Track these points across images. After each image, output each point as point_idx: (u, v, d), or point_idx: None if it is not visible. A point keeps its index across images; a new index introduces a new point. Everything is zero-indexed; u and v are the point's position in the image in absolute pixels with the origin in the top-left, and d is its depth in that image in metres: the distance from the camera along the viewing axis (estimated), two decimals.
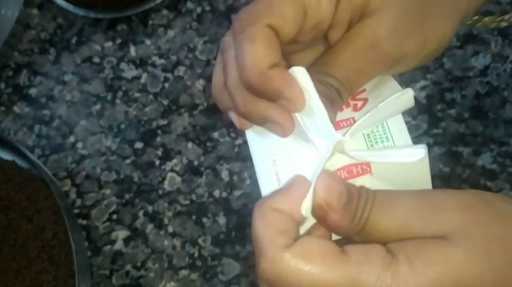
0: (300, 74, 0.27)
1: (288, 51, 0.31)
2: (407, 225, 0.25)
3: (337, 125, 0.30)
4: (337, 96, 0.28)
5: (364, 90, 0.31)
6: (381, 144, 0.29)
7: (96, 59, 0.64)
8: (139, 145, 0.62)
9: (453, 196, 0.26)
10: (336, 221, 0.25)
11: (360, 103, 0.31)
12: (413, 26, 0.30)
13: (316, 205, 0.25)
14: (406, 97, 0.29)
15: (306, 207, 0.26)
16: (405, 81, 0.60)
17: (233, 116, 0.31)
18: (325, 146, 0.28)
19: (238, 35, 0.28)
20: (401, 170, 0.28)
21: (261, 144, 0.31)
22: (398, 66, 0.31)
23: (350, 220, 0.25)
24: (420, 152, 0.28)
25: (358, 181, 0.28)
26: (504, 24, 0.38)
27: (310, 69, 0.30)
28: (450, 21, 0.31)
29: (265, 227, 0.25)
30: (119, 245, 0.59)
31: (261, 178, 0.31)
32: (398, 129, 0.30)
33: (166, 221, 0.59)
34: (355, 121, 0.30)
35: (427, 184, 0.30)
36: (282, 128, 0.28)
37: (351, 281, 0.24)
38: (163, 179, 0.61)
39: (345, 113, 0.31)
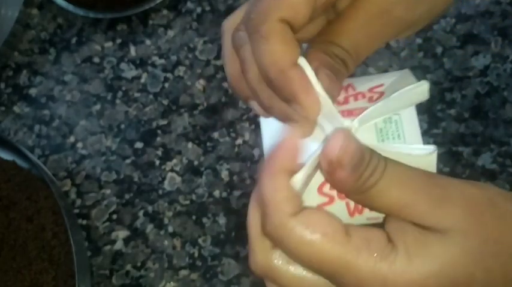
0: (302, 64, 0.27)
1: None
2: (411, 207, 0.25)
3: (350, 113, 0.29)
4: (343, 66, 0.28)
5: (382, 84, 0.31)
6: (392, 141, 0.29)
7: (96, 59, 0.64)
8: (139, 144, 0.62)
9: (461, 189, 0.26)
10: (342, 178, 0.25)
11: (375, 95, 0.30)
12: None
13: (327, 160, 0.25)
14: (420, 89, 0.29)
15: (297, 179, 0.26)
16: None
17: (254, 105, 0.31)
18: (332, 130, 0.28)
19: (253, 35, 0.27)
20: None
21: (272, 125, 0.31)
22: (409, 30, 0.31)
23: (355, 180, 0.25)
24: (429, 148, 0.28)
25: None
26: None
27: (315, 39, 0.29)
28: None
29: (273, 192, 0.25)
30: (118, 245, 0.59)
31: (267, 152, 0.31)
32: (411, 128, 0.30)
33: (166, 221, 0.59)
34: None
35: None
36: (301, 130, 0.28)
37: (346, 262, 0.24)
38: (163, 179, 0.61)
39: (359, 103, 0.30)
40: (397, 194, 0.25)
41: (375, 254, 0.24)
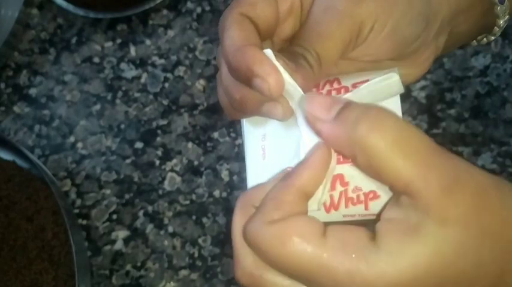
0: (268, 55, 0.27)
1: None
2: (420, 186, 0.23)
3: None
4: (304, 61, 0.29)
5: (367, 80, 0.31)
6: None
7: (96, 59, 0.64)
8: (139, 144, 0.62)
9: (471, 172, 0.25)
10: (328, 132, 0.25)
11: None
12: None
13: (310, 122, 0.26)
14: (392, 82, 0.29)
15: (312, 202, 0.27)
16: None
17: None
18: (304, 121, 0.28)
19: (220, 33, 0.29)
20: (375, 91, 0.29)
21: (255, 121, 0.32)
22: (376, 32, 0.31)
23: (344, 129, 0.25)
24: (389, 75, 0.28)
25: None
26: (491, 38, 0.39)
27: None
28: None
29: (267, 196, 0.26)
30: (118, 245, 0.59)
31: (247, 151, 0.32)
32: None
33: (166, 221, 0.59)
34: None
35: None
36: (279, 107, 0.28)
37: (321, 265, 0.24)
38: (163, 179, 0.61)
39: (341, 96, 0.31)
40: (410, 167, 0.23)
41: (353, 255, 0.23)
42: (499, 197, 0.24)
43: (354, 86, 0.31)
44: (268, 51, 0.27)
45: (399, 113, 0.30)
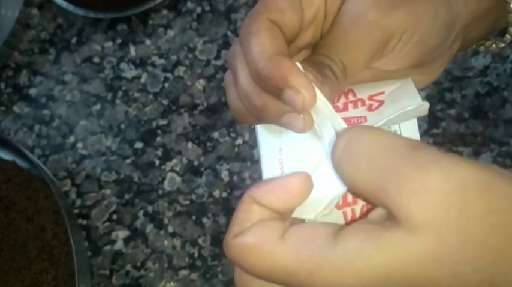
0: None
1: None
2: (378, 191, 0.23)
3: (348, 121, 0.29)
4: (330, 72, 0.28)
5: (383, 92, 0.31)
6: None
7: (96, 59, 0.64)
8: (139, 144, 0.62)
9: (450, 167, 0.22)
10: None
11: (375, 104, 0.31)
12: None
13: None
14: (421, 109, 0.29)
15: (309, 211, 0.26)
16: None
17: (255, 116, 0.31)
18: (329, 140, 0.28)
19: (244, 36, 0.28)
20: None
21: (269, 131, 0.31)
22: (402, 49, 0.30)
23: None
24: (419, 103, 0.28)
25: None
26: (501, 45, 0.39)
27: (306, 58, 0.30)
28: (441, 2, 0.31)
29: (235, 213, 0.26)
30: (118, 245, 0.59)
31: (264, 164, 0.31)
32: (411, 132, 0.30)
33: (166, 221, 0.59)
34: (366, 120, 0.30)
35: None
36: (300, 119, 0.27)
37: (283, 268, 0.23)
38: (163, 179, 0.61)
39: (358, 111, 0.30)
40: (365, 175, 0.23)
41: (311, 253, 0.22)
42: (485, 198, 0.22)
43: (370, 98, 0.31)
44: (298, 65, 0.27)
45: (415, 127, 0.30)
